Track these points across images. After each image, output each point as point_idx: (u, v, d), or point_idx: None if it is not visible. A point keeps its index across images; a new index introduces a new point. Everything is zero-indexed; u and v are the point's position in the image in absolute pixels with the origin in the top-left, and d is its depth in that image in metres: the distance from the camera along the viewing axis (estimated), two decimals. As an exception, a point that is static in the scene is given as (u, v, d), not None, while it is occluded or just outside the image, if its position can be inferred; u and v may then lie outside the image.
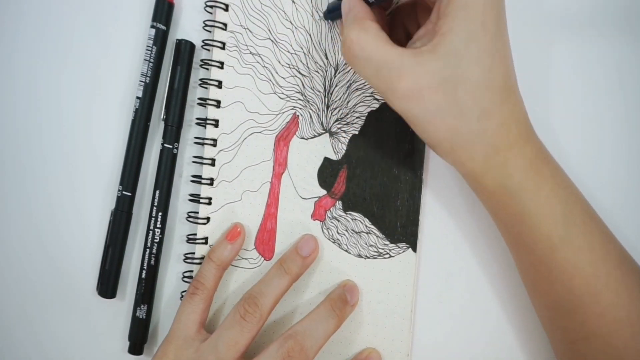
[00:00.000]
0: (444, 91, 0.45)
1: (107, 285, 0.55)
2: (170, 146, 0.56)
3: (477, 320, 0.57)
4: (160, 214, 0.56)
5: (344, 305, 0.54)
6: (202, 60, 0.56)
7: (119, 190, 0.55)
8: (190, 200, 0.56)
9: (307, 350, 0.51)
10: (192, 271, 0.56)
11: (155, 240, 0.56)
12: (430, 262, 0.58)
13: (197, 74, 0.58)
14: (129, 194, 0.56)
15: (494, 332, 0.57)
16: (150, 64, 0.56)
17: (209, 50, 0.57)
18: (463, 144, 0.47)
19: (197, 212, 0.56)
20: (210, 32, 0.57)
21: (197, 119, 0.57)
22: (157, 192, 0.56)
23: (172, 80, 0.56)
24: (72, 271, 0.57)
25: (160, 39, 0.56)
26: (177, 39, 0.57)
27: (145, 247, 0.56)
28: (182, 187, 0.58)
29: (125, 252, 0.56)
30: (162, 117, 0.56)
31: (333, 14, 0.55)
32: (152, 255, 0.56)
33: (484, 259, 0.57)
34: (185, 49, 0.56)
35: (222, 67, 0.56)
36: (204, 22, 0.57)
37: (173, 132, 0.56)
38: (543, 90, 0.58)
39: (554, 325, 0.51)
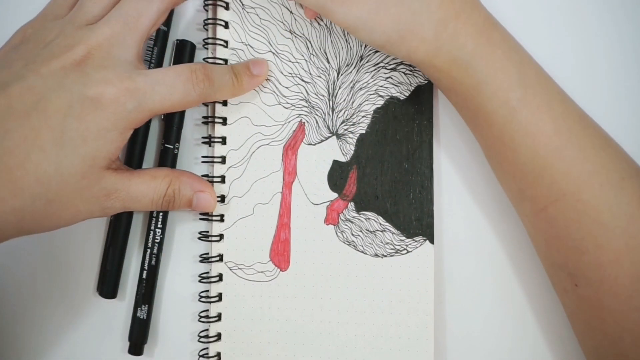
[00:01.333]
0: None
1: (108, 286, 0.55)
2: (171, 146, 0.56)
3: (505, 309, 0.56)
4: (161, 214, 0.55)
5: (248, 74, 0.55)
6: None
7: None
8: (203, 219, 0.56)
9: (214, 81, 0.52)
10: (207, 290, 0.56)
11: (156, 241, 0.55)
12: (452, 252, 0.56)
13: None
14: None
15: (522, 317, 0.56)
16: (152, 65, 0.56)
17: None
18: (411, 28, 0.47)
19: (208, 231, 0.56)
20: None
21: (203, 137, 0.57)
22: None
23: None
24: (72, 271, 0.57)
25: (161, 40, 0.57)
26: (177, 39, 0.57)
27: (146, 247, 0.55)
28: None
29: (125, 254, 0.56)
30: (162, 116, 0.57)
31: None
32: (153, 255, 0.55)
33: (506, 241, 0.56)
34: (185, 49, 0.56)
35: (225, 85, 0.56)
36: (204, 40, 0.57)
37: (174, 133, 0.56)
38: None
39: (522, 197, 0.51)
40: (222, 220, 0.56)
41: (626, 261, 0.46)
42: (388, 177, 0.55)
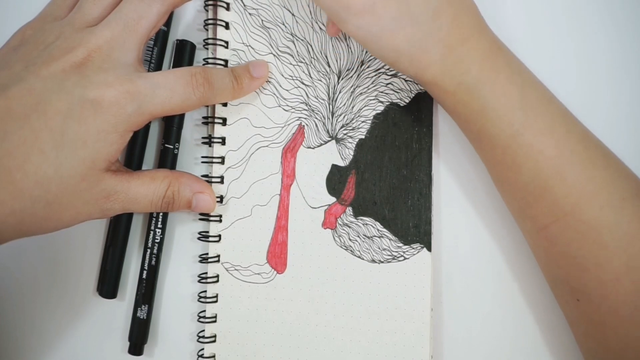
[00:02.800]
0: (397, 3, 0.46)
1: (108, 286, 0.55)
2: (171, 146, 0.56)
3: (503, 315, 0.56)
4: (161, 214, 0.55)
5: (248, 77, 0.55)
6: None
7: None
8: (201, 219, 0.56)
9: (214, 84, 0.52)
10: (205, 291, 0.56)
11: (156, 241, 0.55)
12: (449, 259, 0.56)
13: None
14: None
15: (522, 326, 0.56)
16: (152, 65, 0.56)
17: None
18: (421, 49, 0.48)
19: (208, 231, 0.56)
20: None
21: (203, 137, 0.57)
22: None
23: None
24: (72, 271, 0.57)
25: (161, 40, 0.57)
26: (177, 39, 0.57)
27: (146, 247, 0.55)
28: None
29: (125, 254, 0.56)
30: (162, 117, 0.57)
31: None
32: (153, 255, 0.55)
33: (504, 249, 0.56)
34: (185, 49, 0.56)
35: (225, 85, 0.56)
36: (204, 40, 0.57)
37: (174, 133, 0.56)
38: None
39: (524, 215, 0.51)
40: (220, 220, 0.56)
41: (627, 280, 0.47)
42: (386, 183, 0.55)
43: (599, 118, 0.53)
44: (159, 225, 0.55)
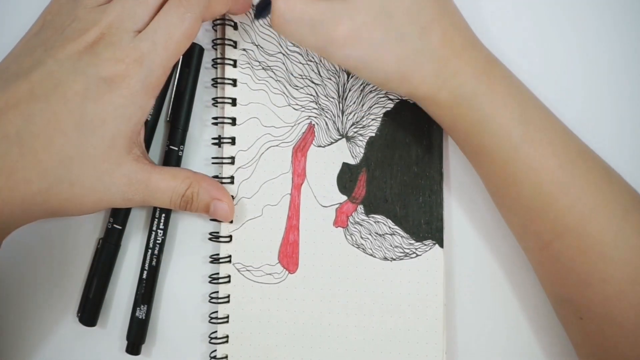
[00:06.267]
0: (381, 23, 0.45)
1: (89, 314, 0.55)
2: (176, 148, 0.56)
3: (517, 309, 0.56)
4: (163, 215, 0.55)
5: None
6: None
7: None
8: (212, 219, 0.56)
9: None
10: (217, 292, 0.55)
11: (158, 241, 0.55)
12: (461, 255, 0.56)
13: (205, 73, 0.58)
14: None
15: (537, 321, 0.56)
16: None
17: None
18: (412, 67, 0.47)
19: (219, 232, 0.56)
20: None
21: (213, 138, 0.57)
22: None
23: (179, 83, 0.56)
24: (70, 270, 0.56)
25: None
26: None
27: (147, 247, 0.55)
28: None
29: (125, 253, 0.56)
30: (167, 118, 0.56)
31: (264, 11, 0.52)
32: (154, 256, 0.55)
33: (517, 244, 0.55)
34: (193, 52, 0.56)
35: (235, 85, 0.56)
36: (212, 40, 0.57)
37: (179, 134, 0.56)
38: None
39: (526, 232, 0.51)
40: (231, 221, 0.55)
41: (631, 294, 0.46)
42: (397, 180, 0.55)
43: (600, 135, 0.54)
44: (161, 226, 0.55)
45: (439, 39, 0.47)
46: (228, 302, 0.55)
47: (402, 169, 0.55)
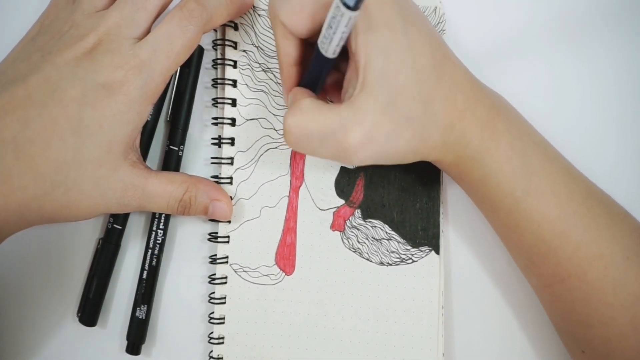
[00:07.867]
0: (389, 116, 0.45)
1: (89, 314, 0.55)
2: (176, 148, 0.56)
3: (513, 316, 0.57)
4: (163, 215, 0.55)
5: None
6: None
7: None
8: (210, 220, 0.56)
9: (206, 5, 0.50)
10: (214, 292, 0.55)
11: (158, 242, 0.55)
12: (457, 262, 0.57)
13: (205, 73, 0.58)
14: None
15: (533, 327, 0.57)
16: None
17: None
18: (421, 142, 0.47)
19: (217, 232, 0.56)
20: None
21: (213, 138, 0.57)
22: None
23: (179, 83, 0.56)
24: (70, 270, 0.57)
25: None
26: None
27: (147, 247, 0.55)
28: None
29: (125, 255, 0.57)
30: (167, 118, 0.57)
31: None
32: (154, 256, 0.55)
33: None
34: (193, 53, 0.55)
35: (235, 86, 0.56)
36: (213, 41, 0.57)
37: (179, 134, 0.56)
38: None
39: (529, 272, 0.52)
40: (228, 221, 0.56)
41: (632, 337, 0.47)
42: (395, 186, 0.56)
43: (605, 163, 0.56)
44: (161, 227, 0.55)
45: (441, 107, 0.46)
46: (224, 302, 0.55)
47: (400, 174, 0.56)
